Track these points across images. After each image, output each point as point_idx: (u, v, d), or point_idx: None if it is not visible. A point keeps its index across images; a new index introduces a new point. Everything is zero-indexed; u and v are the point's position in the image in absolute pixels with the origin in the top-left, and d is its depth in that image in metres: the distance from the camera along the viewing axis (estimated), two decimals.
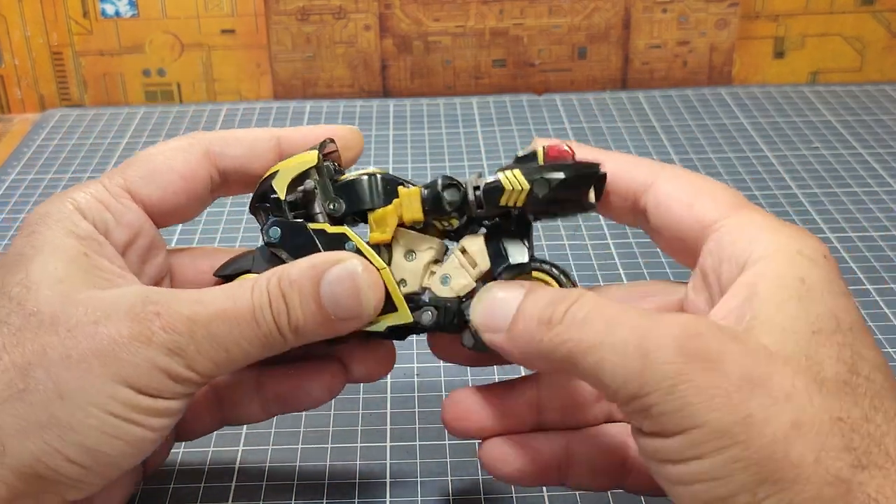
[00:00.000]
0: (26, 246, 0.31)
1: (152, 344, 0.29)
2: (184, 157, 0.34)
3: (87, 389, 0.28)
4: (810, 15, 0.77)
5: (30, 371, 0.28)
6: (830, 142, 0.67)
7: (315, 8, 0.75)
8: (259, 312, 0.30)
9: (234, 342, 0.30)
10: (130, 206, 0.33)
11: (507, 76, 0.78)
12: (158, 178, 0.34)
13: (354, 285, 0.31)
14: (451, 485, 0.38)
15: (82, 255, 0.31)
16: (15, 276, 0.30)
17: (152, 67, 0.77)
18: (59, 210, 0.32)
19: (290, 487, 0.38)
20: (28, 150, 0.69)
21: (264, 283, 0.30)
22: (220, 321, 0.30)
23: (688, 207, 0.31)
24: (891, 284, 0.50)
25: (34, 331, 0.29)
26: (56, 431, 0.28)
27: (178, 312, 0.30)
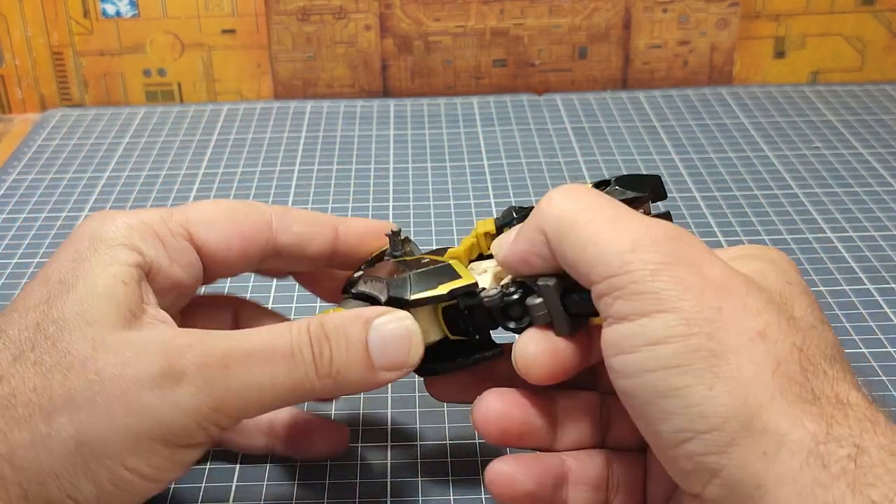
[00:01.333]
0: (69, 273, 0.30)
1: (182, 382, 0.28)
2: (247, 218, 0.34)
3: (106, 441, 0.28)
4: (811, 15, 0.76)
5: (54, 416, 0.28)
6: (831, 141, 0.67)
7: (315, 8, 0.75)
8: (297, 351, 0.30)
9: (269, 381, 0.29)
10: (188, 247, 0.33)
11: (508, 76, 0.78)
12: (218, 228, 0.34)
13: (406, 333, 0.31)
14: (451, 485, 0.38)
15: (120, 285, 0.30)
16: (53, 310, 0.29)
17: (153, 67, 0.77)
18: (109, 235, 0.31)
19: (290, 487, 0.38)
20: (29, 150, 0.69)
21: (305, 325, 0.30)
22: (256, 357, 0.29)
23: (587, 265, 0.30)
24: (891, 284, 0.50)
25: (64, 373, 0.28)
26: (71, 479, 0.28)
27: (214, 346, 0.29)
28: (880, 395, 0.42)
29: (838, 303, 0.49)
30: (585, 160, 0.65)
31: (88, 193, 0.62)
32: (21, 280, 0.52)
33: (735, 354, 0.26)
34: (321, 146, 0.69)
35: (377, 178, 0.64)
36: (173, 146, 0.69)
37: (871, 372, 0.43)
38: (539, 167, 0.65)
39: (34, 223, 0.59)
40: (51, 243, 0.56)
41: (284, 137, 0.70)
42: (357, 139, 0.70)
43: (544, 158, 0.66)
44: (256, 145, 0.69)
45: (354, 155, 0.67)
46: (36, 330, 0.29)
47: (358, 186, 0.62)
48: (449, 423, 0.41)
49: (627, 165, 0.64)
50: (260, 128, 0.72)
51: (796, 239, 0.55)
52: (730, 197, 0.60)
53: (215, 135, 0.71)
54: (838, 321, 0.47)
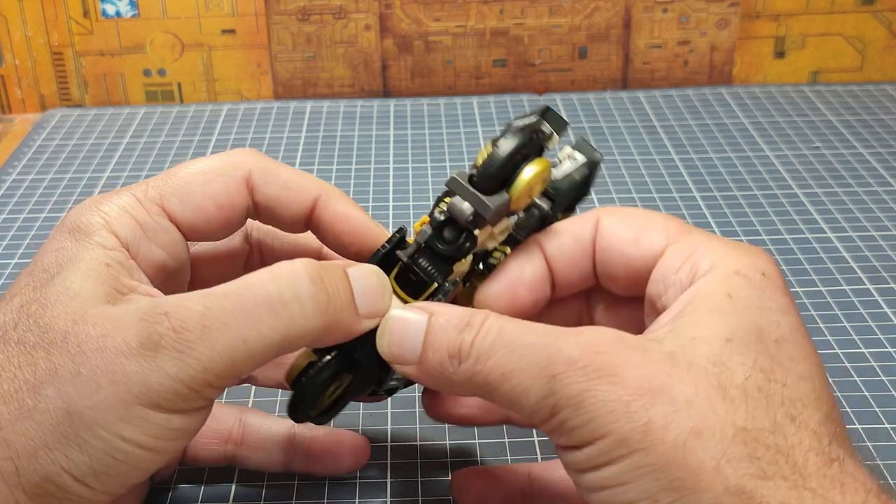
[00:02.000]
0: (52, 263, 0.30)
1: (161, 349, 0.28)
2: (223, 184, 0.33)
3: (95, 409, 0.28)
4: (811, 15, 0.76)
5: (40, 390, 0.28)
6: (831, 141, 0.67)
7: (315, 8, 0.75)
8: (279, 297, 0.29)
9: (253, 332, 0.28)
10: (167, 226, 0.32)
11: (508, 76, 0.78)
12: (194, 201, 0.33)
13: (378, 282, 0.31)
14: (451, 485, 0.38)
15: (103, 267, 0.30)
16: (37, 293, 0.30)
17: (153, 67, 0.77)
18: (88, 222, 0.31)
19: (290, 487, 0.38)
20: (28, 150, 0.69)
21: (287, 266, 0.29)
22: (233, 311, 0.28)
23: (633, 244, 0.31)
24: (891, 284, 0.50)
25: (47, 349, 0.28)
26: (63, 451, 0.28)
27: (188, 309, 0.28)
28: (880, 395, 0.42)
29: (838, 303, 0.49)
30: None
31: (88, 193, 0.62)
32: None
33: (671, 465, 0.26)
34: (321, 146, 0.69)
35: (377, 178, 0.64)
36: (173, 146, 0.69)
37: (870, 372, 0.43)
38: None
39: (34, 223, 0.59)
40: None
41: (284, 137, 0.70)
42: (357, 139, 0.70)
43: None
44: (256, 145, 0.69)
45: (354, 155, 0.67)
46: (19, 311, 0.29)
47: (358, 186, 0.62)
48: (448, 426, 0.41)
49: (627, 165, 0.64)
50: (260, 128, 0.72)
51: (796, 239, 0.55)
52: (730, 197, 0.60)
53: (215, 135, 0.71)
54: (838, 321, 0.47)
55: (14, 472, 0.28)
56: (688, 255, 0.30)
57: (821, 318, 0.47)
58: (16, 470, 0.28)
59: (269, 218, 0.34)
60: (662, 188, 0.61)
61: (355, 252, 0.34)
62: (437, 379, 0.30)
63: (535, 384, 0.28)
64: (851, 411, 0.41)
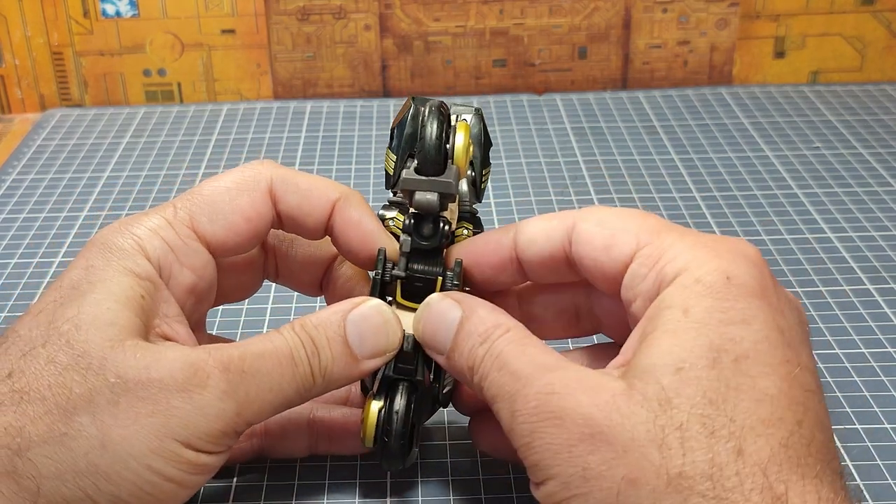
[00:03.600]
0: (82, 280, 0.30)
1: (207, 387, 0.28)
2: (249, 199, 0.33)
3: (132, 441, 0.28)
4: (811, 15, 0.76)
5: (74, 416, 0.28)
6: (831, 141, 0.67)
7: (315, 8, 0.75)
8: (296, 352, 0.30)
9: (278, 383, 0.30)
10: (198, 248, 0.33)
11: (508, 76, 0.78)
12: (223, 219, 0.33)
13: (381, 320, 0.32)
14: (451, 485, 0.38)
15: (138, 298, 0.30)
16: (67, 311, 0.29)
17: (153, 67, 0.77)
18: (120, 245, 0.31)
19: (290, 487, 0.38)
20: (28, 150, 0.69)
21: (290, 327, 0.31)
22: (266, 359, 0.30)
23: (605, 251, 0.31)
24: (891, 284, 0.50)
25: (82, 373, 0.28)
26: (92, 480, 0.28)
27: (230, 353, 0.29)
28: (880, 395, 0.42)
29: (838, 303, 0.49)
30: (585, 160, 0.65)
31: (88, 193, 0.62)
32: (21, 280, 0.52)
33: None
34: (321, 146, 0.69)
35: (377, 179, 0.64)
36: (173, 146, 0.69)
37: (870, 372, 0.43)
38: (539, 167, 0.65)
39: (34, 223, 0.59)
40: (51, 243, 0.56)
41: (284, 137, 0.70)
42: (357, 139, 0.70)
43: (544, 158, 0.66)
44: (256, 145, 0.69)
45: (354, 155, 0.67)
46: (48, 327, 0.29)
47: (358, 186, 0.62)
48: (449, 424, 0.41)
49: (627, 165, 0.64)
50: (260, 128, 0.72)
51: (796, 239, 0.55)
52: (729, 197, 0.60)
53: (215, 135, 0.71)
54: (838, 321, 0.47)
55: (35, 491, 0.28)
56: (654, 261, 0.29)
57: (821, 318, 0.47)
58: (37, 490, 0.28)
59: (292, 226, 0.35)
60: (662, 188, 0.61)
61: (364, 259, 0.35)
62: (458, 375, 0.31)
63: (505, 417, 0.29)
64: (851, 411, 0.41)
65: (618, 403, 0.26)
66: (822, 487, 0.25)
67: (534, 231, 0.33)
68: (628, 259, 0.30)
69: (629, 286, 0.30)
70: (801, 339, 0.28)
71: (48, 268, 0.54)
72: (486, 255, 0.34)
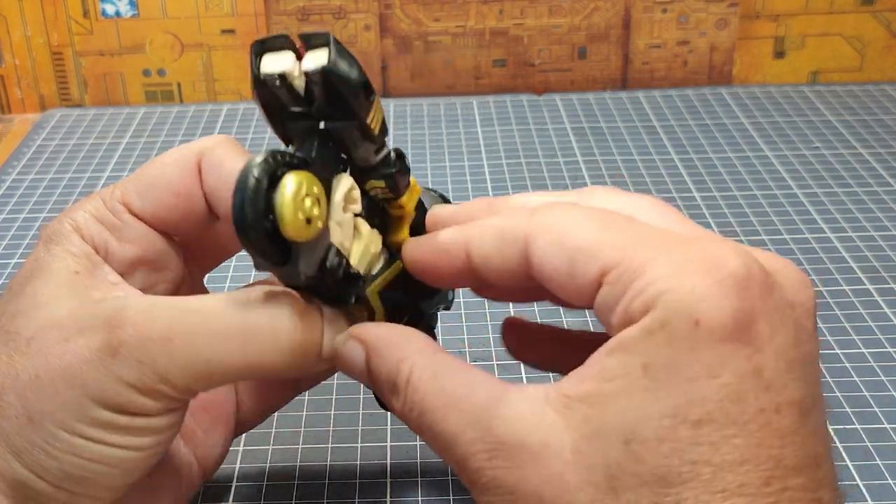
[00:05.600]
0: (26, 273, 0.31)
1: (118, 356, 0.27)
2: (178, 175, 0.32)
3: (55, 412, 0.28)
4: (810, 15, 0.76)
5: (2, 395, 0.28)
6: (831, 141, 0.67)
7: (315, 8, 0.75)
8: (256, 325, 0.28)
9: (217, 357, 0.28)
10: (131, 221, 0.32)
11: (508, 76, 0.78)
12: (151, 193, 0.32)
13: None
14: (451, 485, 0.38)
15: (73, 274, 0.30)
16: (9, 305, 0.30)
17: (152, 67, 0.77)
18: (58, 232, 0.31)
19: (290, 487, 0.38)
20: (28, 150, 0.69)
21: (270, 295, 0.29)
22: (201, 332, 0.28)
23: (569, 278, 0.27)
24: (891, 284, 0.50)
25: (10, 354, 0.28)
26: (31, 457, 0.28)
27: (155, 319, 0.28)
28: (880, 395, 0.42)
29: (838, 303, 0.49)
30: (585, 160, 0.65)
31: (88, 193, 0.62)
32: None
33: None
34: None
35: None
36: (173, 146, 0.68)
37: (870, 372, 0.43)
38: (539, 167, 0.65)
39: (34, 223, 0.59)
40: None
41: None
42: None
43: (544, 158, 0.66)
44: (256, 145, 0.69)
45: None
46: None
47: None
48: None
49: (627, 165, 0.64)
50: (259, 128, 0.72)
51: (796, 239, 0.55)
52: (729, 197, 0.60)
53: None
54: (838, 321, 0.47)
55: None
56: (623, 290, 0.25)
57: (821, 318, 0.47)
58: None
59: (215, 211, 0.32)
60: (662, 188, 0.61)
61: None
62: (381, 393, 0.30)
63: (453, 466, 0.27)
64: (851, 411, 0.41)
65: (566, 479, 0.25)
66: None
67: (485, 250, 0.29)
68: (594, 285, 0.26)
69: (600, 312, 0.27)
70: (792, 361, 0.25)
71: None
72: (436, 266, 0.30)
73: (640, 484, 0.24)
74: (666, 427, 0.24)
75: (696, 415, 0.24)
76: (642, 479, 0.24)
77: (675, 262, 0.25)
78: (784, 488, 0.24)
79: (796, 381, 0.25)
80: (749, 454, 0.24)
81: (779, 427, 0.24)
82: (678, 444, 0.24)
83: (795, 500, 0.24)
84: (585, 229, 0.27)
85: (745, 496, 0.23)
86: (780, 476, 0.24)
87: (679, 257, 0.25)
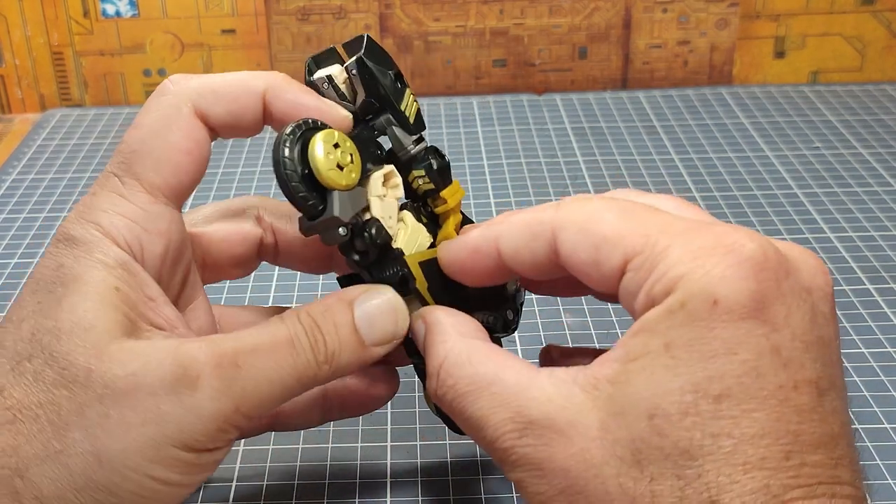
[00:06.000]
0: (56, 283, 0.29)
1: (199, 387, 0.27)
2: (181, 131, 0.31)
3: (126, 452, 0.27)
4: (811, 15, 0.76)
5: (67, 432, 0.27)
6: (831, 141, 0.67)
7: (315, 8, 0.75)
8: (297, 340, 0.29)
9: (277, 374, 0.29)
10: (159, 210, 0.31)
11: (508, 76, 0.78)
12: (166, 164, 0.31)
13: (390, 307, 0.31)
14: (451, 485, 0.38)
15: (113, 291, 0.29)
16: (46, 320, 0.28)
17: (153, 67, 0.77)
18: (83, 238, 0.30)
19: (290, 487, 0.38)
20: (28, 150, 0.69)
21: (294, 315, 0.30)
22: (262, 351, 0.29)
23: (595, 267, 0.28)
24: (891, 284, 0.50)
25: (70, 388, 0.27)
26: (92, 495, 0.27)
27: (222, 346, 0.28)
28: (880, 395, 0.42)
29: (838, 303, 0.48)
30: (585, 160, 0.65)
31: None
32: (21, 280, 0.52)
33: None
34: None
35: None
36: None
37: (870, 372, 0.43)
38: (539, 167, 0.65)
39: (34, 223, 0.59)
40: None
41: None
42: None
43: (544, 158, 0.66)
44: (256, 145, 0.69)
45: None
46: (31, 340, 0.28)
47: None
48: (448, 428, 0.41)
49: (627, 165, 0.64)
50: None
51: (796, 239, 0.55)
52: (730, 197, 0.60)
53: None
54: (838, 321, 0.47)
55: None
56: (645, 276, 0.26)
57: None
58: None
59: (229, 133, 0.32)
60: (662, 188, 0.61)
61: None
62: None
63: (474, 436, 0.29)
64: (851, 411, 0.41)
65: (592, 454, 0.26)
66: None
67: (515, 244, 0.30)
68: (618, 272, 0.27)
69: (624, 299, 0.28)
70: (809, 342, 0.26)
71: None
72: (470, 264, 0.32)
73: (663, 457, 0.24)
74: (688, 402, 0.24)
75: (717, 390, 0.24)
76: (665, 453, 0.24)
77: (694, 246, 0.26)
78: (803, 463, 0.24)
79: (813, 361, 0.26)
80: (769, 428, 0.24)
81: (797, 404, 0.25)
82: (699, 417, 0.24)
83: (814, 477, 0.24)
84: (608, 219, 0.28)
85: (766, 469, 0.24)
86: (798, 451, 0.24)
87: (698, 242, 0.26)
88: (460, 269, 0.32)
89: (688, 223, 0.27)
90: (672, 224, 0.27)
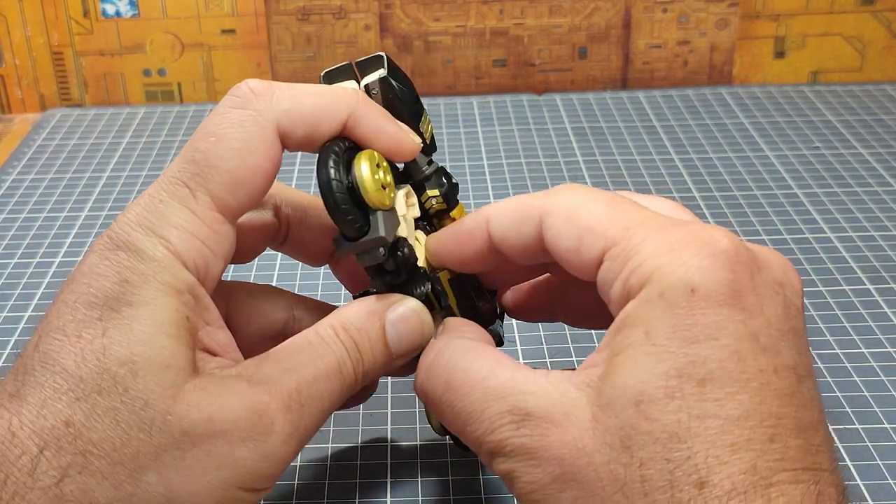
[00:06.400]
0: (121, 302, 0.28)
1: (272, 433, 0.28)
2: (263, 152, 0.30)
3: (198, 495, 0.27)
4: (811, 15, 0.76)
5: (141, 474, 0.27)
6: (831, 141, 0.67)
7: (315, 8, 0.75)
8: (343, 364, 0.30)
9: (329, 400, 0.30)
10: (227, 232, 0.30)
11: (508, 76, 0.78)
12: (244, 188, 0.30)
13: (418, 320, 0.32)
14: (451, 485, 0.38)
15: (184, 322, 0.28)
16: (117, 347, 0.27)
17: (153, 67, 0.77)
18: (152, 255, 0.28)
19: (290, 487, 0.38)
20: (28, 150, 0.69)
21: (333, 334, 0.31)
22: (319, 383, 0.30)
23: (575, 254, 0.29)
24: (891, 284, 0.50)
25: (146, 430, 0.27)
26: None
27: (287, 385, 0.29)
28: (880, 395, 0.42)
29: (838, 303, 0.49)
30: (585, 160, 0.65)
31: (88, 193, 0.62)
32: (21, 280, 0.52)
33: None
34: None
35: None
36: (173, 146, 0.69)
37: (870, 372, 0.43)
38: (539, 167, 0.65)
39: (34, 223, 0.59)
40: (51, 243, 0.56)
41: None
42: None
43: (544, 158, 0.66)
44: None
45: None
46: (99, 367, 0.27)
47: None
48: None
49: (627, 165, 0.64)
50: None
51: (796, 239, 0.55)
52: (729, 197, 0.60)
53: None
54: (838, 321, 0.47)
55: None
56: (621, 266, 0.27)
57: (821, 318, 0.47)
58: None
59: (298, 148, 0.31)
60: (662, 188, 0.61)
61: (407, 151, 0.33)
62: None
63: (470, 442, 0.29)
64: (851, 411, 0.41)
65: (584, 443, 0.26)
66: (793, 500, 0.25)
67: (504, 226, 0.31)
68: (597, 261, 0.28)
69: (602, 288, 0.28)
70: (784, 331, 0.26)
71: (48, 268, 0.54)
72: (460, 249, 0.32)
73: (652, 441, 0.25)
74: (672, 386, 0.25)
75: (700, 374, 0.25)
76: (654, 437, 0.25)
77: (670, 240, 0.27)
78: (786, 447, 0.25)
79: (789, 349, 0.26)
80: (753, 409, 0.25)
81: (777, 388, 0.25)
82: (685, 401, 0.25)
83: (797, 461, 0.25)
84: (594, 210, 0.29)
85: (752, 451, 0.24)
86: (781, 434, 0.25)
87: (673, 236, 0.27)
88: (450, 253, 0.33)
89: (667, 220, 0.28)
90: (652, 219, 0.28)
